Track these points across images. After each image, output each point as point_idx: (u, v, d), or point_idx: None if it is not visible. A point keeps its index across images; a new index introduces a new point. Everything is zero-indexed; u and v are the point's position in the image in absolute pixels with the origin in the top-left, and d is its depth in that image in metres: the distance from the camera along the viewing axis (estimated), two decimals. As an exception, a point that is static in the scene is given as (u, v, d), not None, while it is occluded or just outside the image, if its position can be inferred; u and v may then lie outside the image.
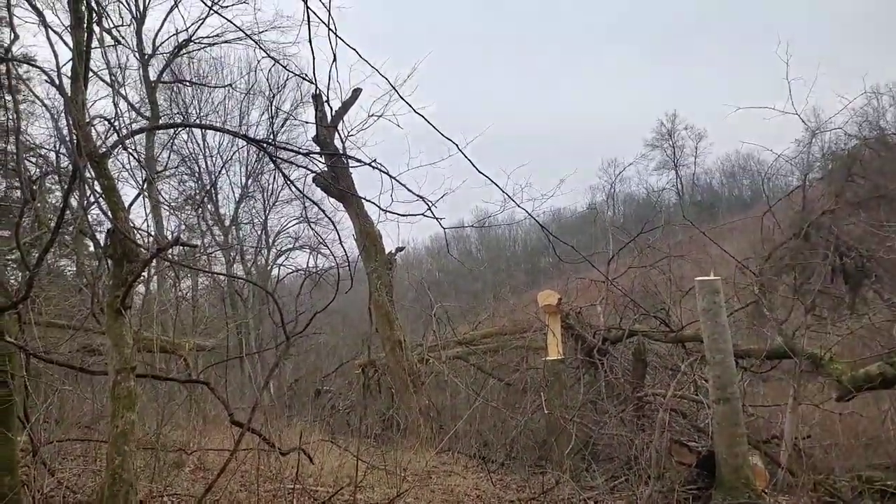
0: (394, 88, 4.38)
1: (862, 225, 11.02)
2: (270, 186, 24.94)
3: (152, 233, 14.45)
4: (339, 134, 11.17)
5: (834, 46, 67.44)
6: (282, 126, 21.92)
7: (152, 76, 19.05)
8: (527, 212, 5.56)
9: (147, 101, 18.24)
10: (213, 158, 23.74)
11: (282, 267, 25.52)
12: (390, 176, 4.17)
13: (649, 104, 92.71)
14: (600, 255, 11.33)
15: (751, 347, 8.14)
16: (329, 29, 3.88)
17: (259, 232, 25.20)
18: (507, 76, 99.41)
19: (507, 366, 11.38)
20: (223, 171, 23.96)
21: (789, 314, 8.11)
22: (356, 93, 11.59)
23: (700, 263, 10.77)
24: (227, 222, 24.06)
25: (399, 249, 12.49)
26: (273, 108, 20.89)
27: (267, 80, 19.99)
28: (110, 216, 3.49)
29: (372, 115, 11.85)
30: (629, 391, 8.12)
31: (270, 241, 25.33)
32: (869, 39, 70.49)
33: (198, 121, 20.72)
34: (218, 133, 25.26)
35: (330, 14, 3.85)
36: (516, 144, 64.36)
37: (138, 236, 4.20)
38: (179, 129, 19.51)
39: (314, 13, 3.83)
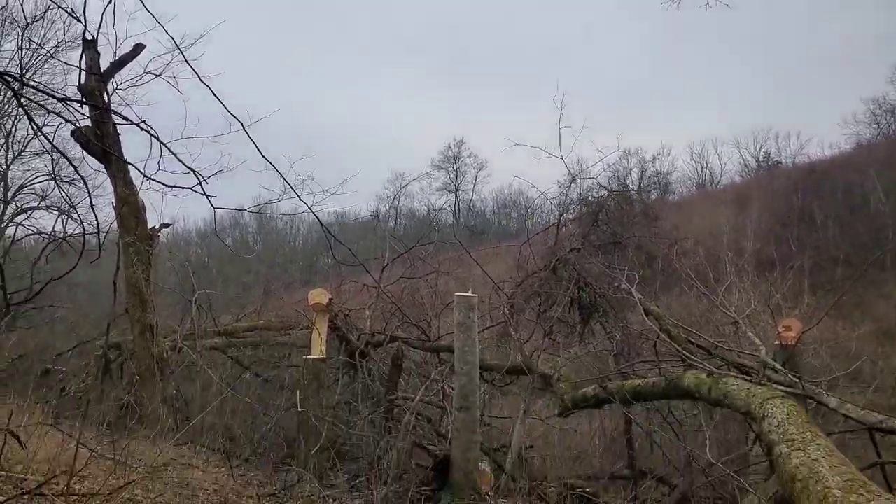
0: (178, 48, 4.12)
1: (599, 265, 12.73)
2: (18, 132, 21.40)
3: None
4: (108, 89, 10.03)
5: (606, 104, 77.10)
6: (42, 64, 18.84)
7: None
8: (306, 205, 5.54)
9: None
10: (-55, 86, 19.74)
11: (20, 226, 22.25)
12: (160, 141, 3.82)
13: (445, 123, 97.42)
14: (376, 263, 11.61)
15: (494, 362, 8.96)
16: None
17: (-4, 183, 21.48)
18: (307, 71, 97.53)
19: (267, 361, 11.10)
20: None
21: (530, 336, 9.08)
22: (138, 48, 10.30)
23: (464, 282, 11.59)
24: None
25: (165, 226, 11.58)
26: (26, 39, 17.70)
27: (21, 5, 16.85)
28: None
29: (149, 73, 10.90)
30: (383, 394, 8.43)
31: (10, 195, 21.76)
32: (631, 106, 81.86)
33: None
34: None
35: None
36: (307, 140, 63.41)
37: None
38: None
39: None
